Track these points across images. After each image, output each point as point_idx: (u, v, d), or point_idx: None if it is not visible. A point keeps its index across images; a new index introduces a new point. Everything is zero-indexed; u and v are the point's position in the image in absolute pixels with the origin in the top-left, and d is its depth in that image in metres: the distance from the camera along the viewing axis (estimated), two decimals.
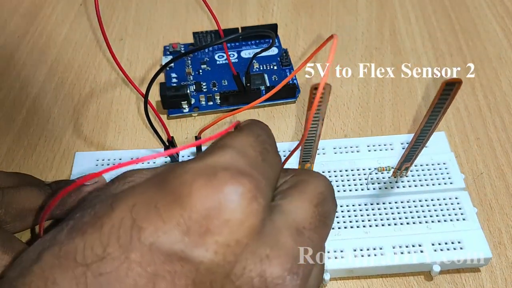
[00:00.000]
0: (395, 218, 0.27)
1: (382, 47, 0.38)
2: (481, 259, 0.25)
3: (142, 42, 0.39)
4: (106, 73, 0.37)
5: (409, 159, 0.26)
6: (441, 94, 0.20)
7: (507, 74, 0.35)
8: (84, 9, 0.42)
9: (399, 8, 0.41)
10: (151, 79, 0.24)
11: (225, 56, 0.36)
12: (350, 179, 0.28)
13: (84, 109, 0.34)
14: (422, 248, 0.25)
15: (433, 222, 0.26)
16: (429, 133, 0.23)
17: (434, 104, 0.20)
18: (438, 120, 0.22)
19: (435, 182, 0.28)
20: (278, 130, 0.33)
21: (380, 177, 0.28)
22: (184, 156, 0.30)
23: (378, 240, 0.26)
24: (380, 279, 0.26)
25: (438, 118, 0.22)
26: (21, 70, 0.37)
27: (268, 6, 0.42)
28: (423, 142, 0.24)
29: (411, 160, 0.26)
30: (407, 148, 0.25)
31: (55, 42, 0.39)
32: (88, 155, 0.30)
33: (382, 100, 0.34)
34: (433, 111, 0.21)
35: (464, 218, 0.26)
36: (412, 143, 0.24)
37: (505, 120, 0.33)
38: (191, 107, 0.33)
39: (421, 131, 0.23)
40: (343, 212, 0.27)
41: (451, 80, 0.19)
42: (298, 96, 0.34)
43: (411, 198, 0.27)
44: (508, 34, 0.38)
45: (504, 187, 0.29)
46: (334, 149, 0.30)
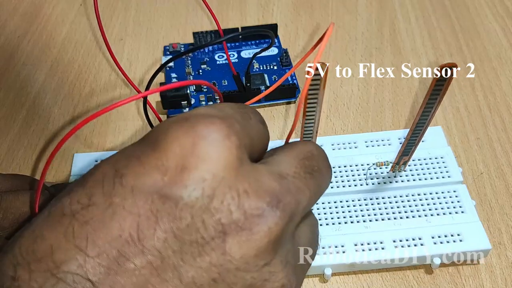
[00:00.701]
0: (395, 213, 0.27)
1: (382, 47, 0.38)
2: (480, 251, 0.25)
3: (142, 42, 0.39)
4: (106, 73, 0.37)
5: (407, 153, 0.26)
6: (437, 80, 0.20)
7: (507, 74, 0.35)
8: (84, 9, 0.42)
9: (399, 8, 0.41)
10: (150, 79, 0.25)
11: (225, 56, 0.36)
12: (349, 175, 0.28)
13: (84, 109, 0.34)
14: (422, 241, 0.26)
15: (432, 216, 0.27)
16: (427, 121, 0.23)
17: (431, 90, 0.21)
18: (436, 107, 0.22)
19: (433, 176, 0.28)
20: (278, 130, 0.33)
21: (378, 172, 0.28)
22: None
23: (378, 234, 0.26)
24: (380, 274, 0.26)
25: (436, 105, 0.22)
26: (21, 70, 0.37)
27: (268, 6, 0.42)
28: (421, 132, 0.24)
29: (409, 154, 0.26)
30: (405, 140, 0.25)
31: (55, 42, 0.39)
32: (87, 156, 0.30)
33: (382, 100, 0.34)
34: (429, 98, 0.21)
35: (462, 211, 0.27)
36: (410, 134, 0.24)
37: (505, 120, 0.33)
38: (191, 107, 0.33)
39: (419, 118, 0.23)
40: (343, 208, 0.27)
41: (448, 65, 0.19)
42: (298, 96, 0.34)
43: (410, 192, 0.28)
44: (508, 34, 0.38)
45: (504, 187, 0.29)
46: (332, 145, 0.30)
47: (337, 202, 0.27)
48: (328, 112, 0.33)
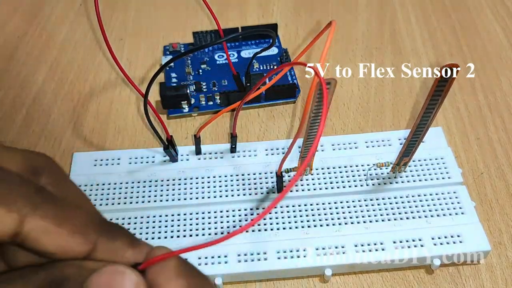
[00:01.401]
0: (395, 213, 0.27)
1: (382, 47, 0.38)
2: (480, 252, 0.25)
3: (142, 42, 0.39)
4: (106, 73, 0.37)
5: (408, 154, 0.26)
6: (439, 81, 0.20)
7: (507, 74, 0.35)
8: (84, 9, 0.42)
9: (399, 8, 0.41)
10: (151, 79, 0.24)
11: (225, 56, 0.36)
12: (349, 175, 0.28)
13: (84, 109, 0.34)
14: (422, 242, 0.26)
15: (432, 217, 0.27)
16: (428, 122, 0.23)
17: (432, 91, 0.21)
18: (438, 108, 0.22)
19: (433, 177, 0.28)
20: (278, 130, 0.33)
21: (379, 173, 0.28)
22: (183, 155, 0.30)
23: (378, 235, 0.26)
24: (380, 274, 0.26)
25: (437, 105, 0.22)
26: (21, 70, 0.37)
27: (268, 6, 0.42)
28: (422, 133, 0.24)
29: (410, 155, 0.26)
30: (406, 140, 0.25)
31: (55, 42, 0.39)
32: (86, 155, 0.30)
33: (382, 100, 0.34)
34: (431, 99, 0.21)
35: (462, 212, 0.27)
36: (410, 135, 0.24)
37: (505, 120, 0.33)
38: (191, 107, 0.33)
39: (420, 119, 0.23)
40: (343, 208, 0.27)
41: (449, 65, 0.19)
42: (298, 96, 0.34)
43: (410, 193, 0.28)
44: (508, 34, 0.38)
45: (504, 187, 0.29)
46: (333, 146, 0.30)
47: (337, 202, 0.27)
48: (328, 112, 0.33)
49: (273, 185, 0.28)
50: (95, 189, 0.28)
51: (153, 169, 0.29)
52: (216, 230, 0.26)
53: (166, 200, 0.28)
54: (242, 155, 0.30)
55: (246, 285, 0.26)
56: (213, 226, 0.27)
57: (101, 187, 0.28)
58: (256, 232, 0.26)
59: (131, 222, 0.27)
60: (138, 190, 0.28)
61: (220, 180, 0.29)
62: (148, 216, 0.27)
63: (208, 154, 0.30)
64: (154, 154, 0.30)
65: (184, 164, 0.29)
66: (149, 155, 0.30)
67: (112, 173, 0.29)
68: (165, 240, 0.26)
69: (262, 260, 0.25)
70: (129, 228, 0.27)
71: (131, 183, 0.29)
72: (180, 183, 0.28)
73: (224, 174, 0.29)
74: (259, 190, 0.28)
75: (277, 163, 0.29)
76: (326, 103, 0.16)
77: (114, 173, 0.29)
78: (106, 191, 0.28)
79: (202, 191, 0.28)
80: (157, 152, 0.30)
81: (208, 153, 0.30)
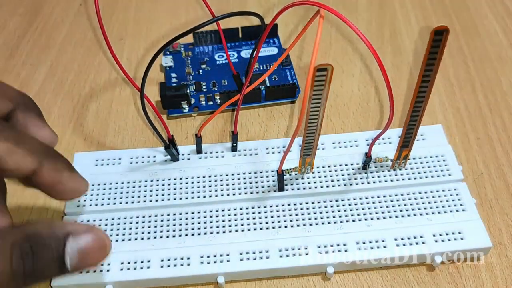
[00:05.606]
0: (396, 211, 0.27)
1: (382, 47, 0.38)
2: (481, 249, 0.26)
3: (142, 42, 0.39)
4: (106, 73, 0.37)
5: (407, 143, 0.26)
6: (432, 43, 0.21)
7: (507, 74, 0.36)
8: (84, 9, 0.42)
9: (399, 8, 0.41)
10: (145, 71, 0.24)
11: (225, 56, 0.36)
12: (350, 173, 0.29)
13: (84, 109, 0.34)
14: (424, 240, 0.26)
15: (433, 214, 0.27)
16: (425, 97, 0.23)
17: (426, 57, 0.21)
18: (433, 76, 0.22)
19: (433, 174, 0.28)
20: (278, 130, 0.33)
21: (379, 171, 0.29)
22: (184, 154, 0.30)
23: (380, 232, 0.26)
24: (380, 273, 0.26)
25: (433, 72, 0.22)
26: (21, 70, 0.37)
27: (268, 6, 0.42)
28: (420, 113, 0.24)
29: (409, 145, 0.26)
30: (404, 124, 0.25)
31: (54, 41, 0.39)
32: (87, 155, 0.30)
33: (382, 100, 0.34)
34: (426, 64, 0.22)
35: (463, 209, 0.27)
36: (408, 116, 0.24)
37: (505, 120, 0.33)
38: (191, 107, 0.33)
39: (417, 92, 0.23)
40: (344, 206, 0.27)
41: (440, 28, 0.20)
42: (298, 96, 0.34)
43: (411, 190, 0.28)
44: (508, 34, 0.38)
45: (505, 187, 0.29)
46: (333, 144, 0.30)
47: (338, 200, 0.27)
48: (328, 112, 0.33)
49: (274, 183, 0.28)
50: (96, 189, 0.28)
51: (154, 168, 0.29)
52: (218, 229, 0.27)
53: (168, 199, 0.28)
54: (243, 154, 0.30)
55: (248, 283, 0.26)
56: (214, 224, 0.27)
57: (102, 186, 0.28)
58: (258, 230, 0.26)
59: (133, 221, 0.27)
60: (139, 190, 0.28)
61: (222, 179, 0.29)
62: (150, 215, 0.27)
63: (209, 153, 0.30)
64: (155, 153, 0.30)
65: (185, 163, 0.29)
66: (150, 155, 0.30)
67: (113, 172, 0.29)
68: (166, 239, 0.26)
69: (264, 258, 0.25)
70: (131, 227, 0.27)
71: (132, 182, 0.29)
72: (182, 182, 0.28)
73: (225, 173, 0.29)
74: (260, 189, 0.28)
75: (277, 162, 0.29)
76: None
77: (115, 173, 0.29)
78: (107, 191, 0.28)
79: (203, 190, 0.28)
80: (158, 151, 0.30)
81: (209, 152, 0.30)
